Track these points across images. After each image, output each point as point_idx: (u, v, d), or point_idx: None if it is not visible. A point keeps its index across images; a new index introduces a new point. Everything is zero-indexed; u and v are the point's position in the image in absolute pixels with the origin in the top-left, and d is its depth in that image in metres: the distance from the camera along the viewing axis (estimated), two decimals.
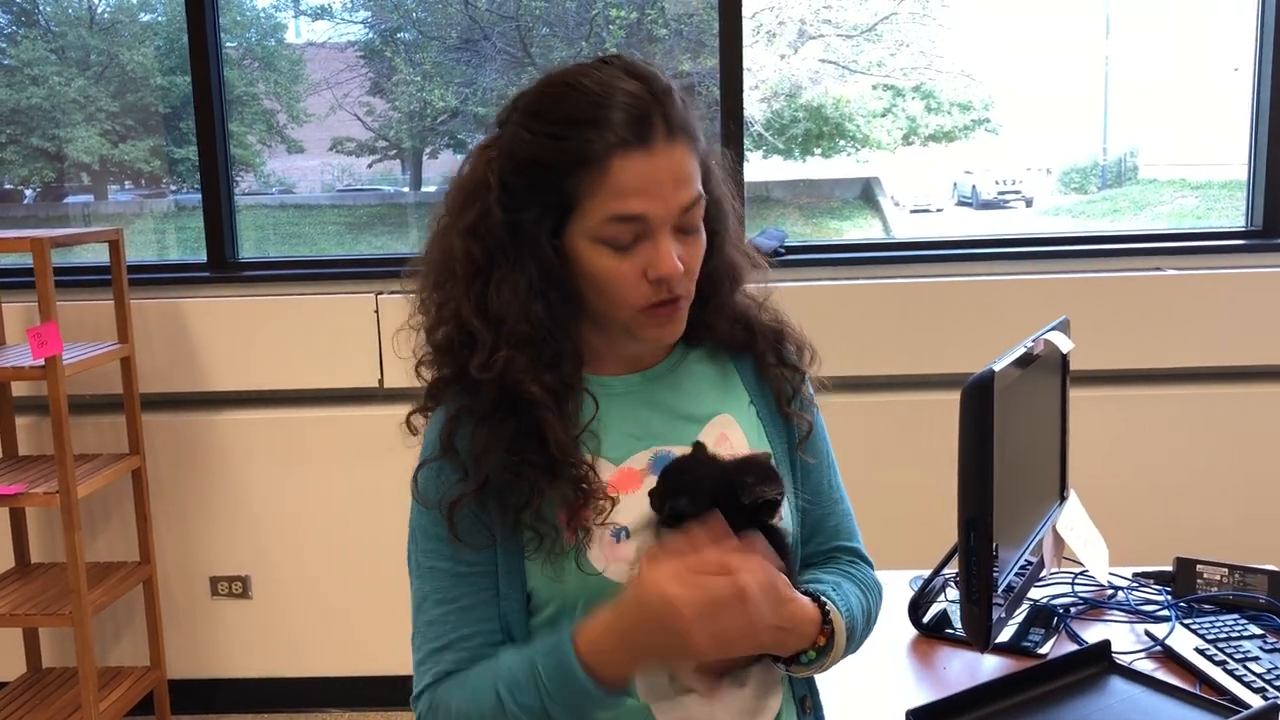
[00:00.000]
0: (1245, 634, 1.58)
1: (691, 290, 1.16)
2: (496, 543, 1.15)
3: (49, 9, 3.74)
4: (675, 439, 1.20)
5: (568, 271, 1.13)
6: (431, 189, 3.96)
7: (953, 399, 1.36)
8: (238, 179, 3.58)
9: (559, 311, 1.13)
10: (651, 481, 1.15)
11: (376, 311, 3.00)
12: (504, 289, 1.12)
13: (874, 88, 3.93)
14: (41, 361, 2.59)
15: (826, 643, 1.16)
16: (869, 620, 1.28)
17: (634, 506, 1.15)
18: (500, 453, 1.11)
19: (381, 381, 3.02)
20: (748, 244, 1.28)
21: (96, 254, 3.14)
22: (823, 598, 1.17)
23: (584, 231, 1.10)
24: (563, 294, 1.13)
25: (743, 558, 1.06)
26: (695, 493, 1.10)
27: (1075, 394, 1.87)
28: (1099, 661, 1.46)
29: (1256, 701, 1.39)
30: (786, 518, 1.21)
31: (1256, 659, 1.50)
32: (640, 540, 1.14)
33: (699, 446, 1.15)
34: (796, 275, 2.97)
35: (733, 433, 1.22)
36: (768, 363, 1.27)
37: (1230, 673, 1.47)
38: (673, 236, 1.11)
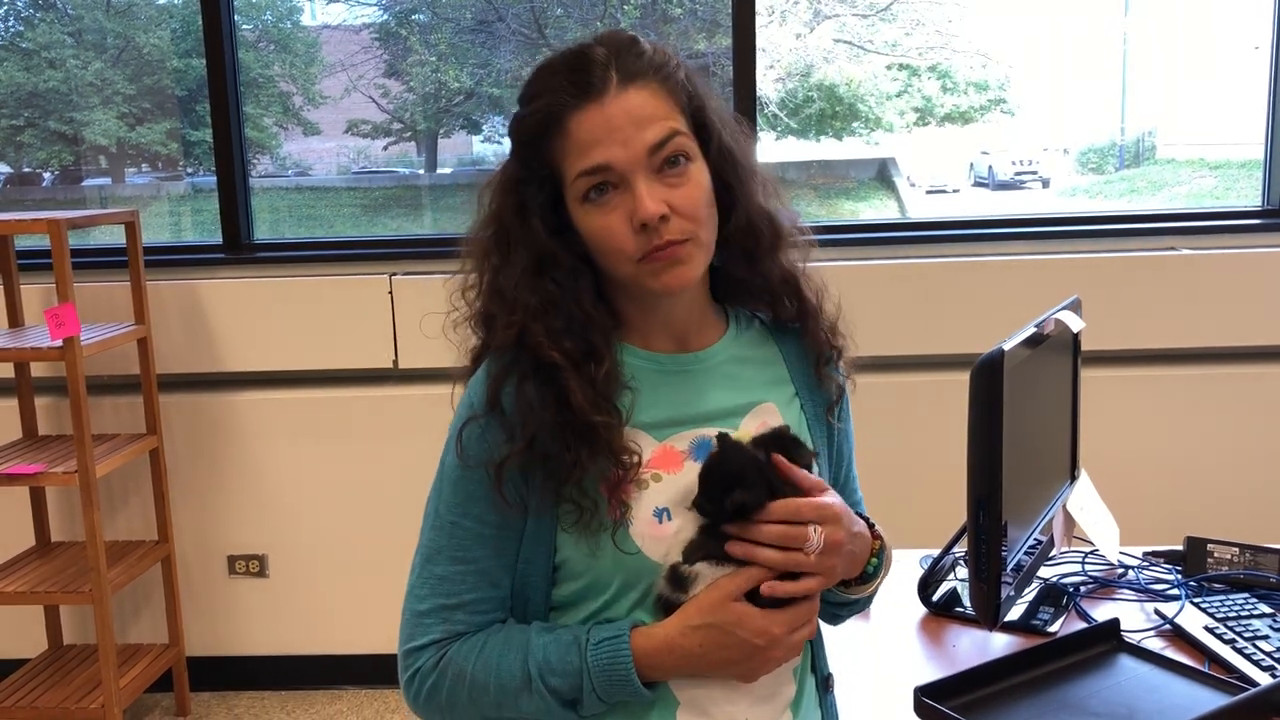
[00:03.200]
0: (1255, 613, 1.58)
1: (697, 232, 1.14)
2: (529, 512, 1.16)
3: None
4: (718, 424, 1.20)
5: (572, 244, 1.16)
6: (447, 171, 3.97)
7: (966, 379, 1.36)
8: (254, 161, 3.59)
9: (567, 285, 1.15)
10: (692, 465, 1.16)
11: (391, 293, 3.02)
12: (513, 271, 1.16)
13: (888, 68, 3.91)
14: (59, 342, 2.61)
15: (881, 547, 1.22)
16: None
17: (674, 486, 1.16)
18: (545, 413, 1.12)
19: (396, 362, 3.03)
20: (785, 210, 1.27)
21: (113, 236, 3.16)
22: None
23: (572, 196, 1.14)
24: (567, 268, 1.16)
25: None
26: (750, 483, 1.10)
27: (1090, 374, 1.87)
28: (1108, 639, 1.46)
29: (1265, 679, 1.39)
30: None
31: (1266, 637, 1.50)
32: (681, 521, 1.15)
33: (724, 438, 1.14)
34: (808, 255, 2.96)
35: (774, 421, 1.23)
36: (810, 328, 1.28)
37: (1239, 651, 1.47)
38: (654, 179, 1.11)
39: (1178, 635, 1.57)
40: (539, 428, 1.12)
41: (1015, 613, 1.65)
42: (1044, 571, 1.80)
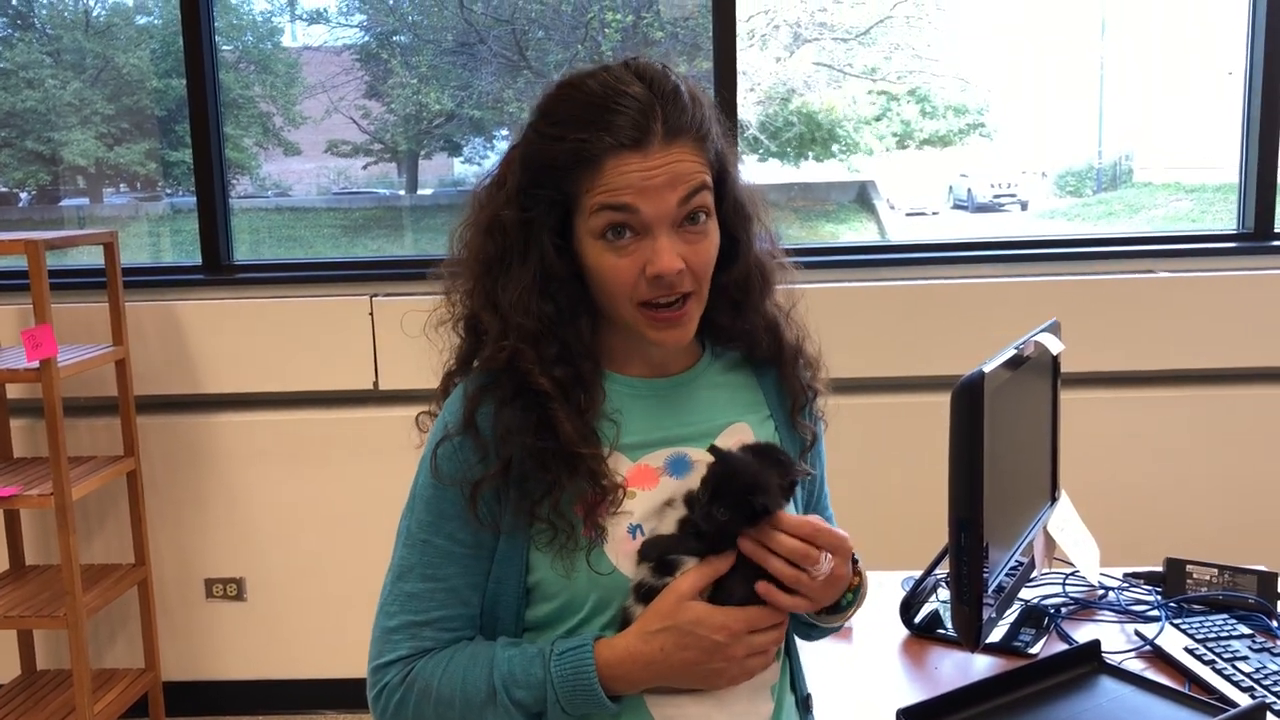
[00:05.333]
0: (1234, 634, 1.59)
1: (702, 289, 1.16)
2: (501, 531, 1.15)
3: (45, 12, 3.75)
4: (693, 443, 1.21)
5: (576, 270, 1.15)
6: (427, 192, 3.96)
7: (946, 401, 1.37)
8: (234, 182, 3.57)
9: (567, 309, 1.15)
10: (668, 480, 1.17)
11: (371, 314, 3.01)
12: (512, 285, 1.15)
13: (868, 92, 3.94)
14: (36, 364, 2.59)
15: (859, 583, 1.22)
16: None
17: (649, 502, 1.16)
18: (525, 438, 1.12)
19: (376, 383, 3.02)
20: (775, 250, 1.28)
21: (92, 256, 3.14)
22: None
23: (586, 230, 1.13)
24: (569, 293, 1.15)
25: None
26: (769, 487, 1.10)
27: (1068, 395, 1.88)
28: (1089, 661, 1.46)
29: (1244, 700, 1.40)
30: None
31: (1245, 658, 1.51)
32: (652, 527, 1.15)
33: (716, 449, 1.14)
34: (790, 278, 2.96)
35: (747, 441, 1.23)
36: (787, 374, 1.29)
37: (1219, 672, 1.48)
38: (675, 233, 1.11)
39: (1158, 656, 1.58)
40: (516, 451, 1.12)
41: (997, 634, 1.66)
42: (1025, 593, 1.80)
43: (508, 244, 1.16)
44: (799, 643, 1.36)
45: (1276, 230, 3.12)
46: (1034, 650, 1.62)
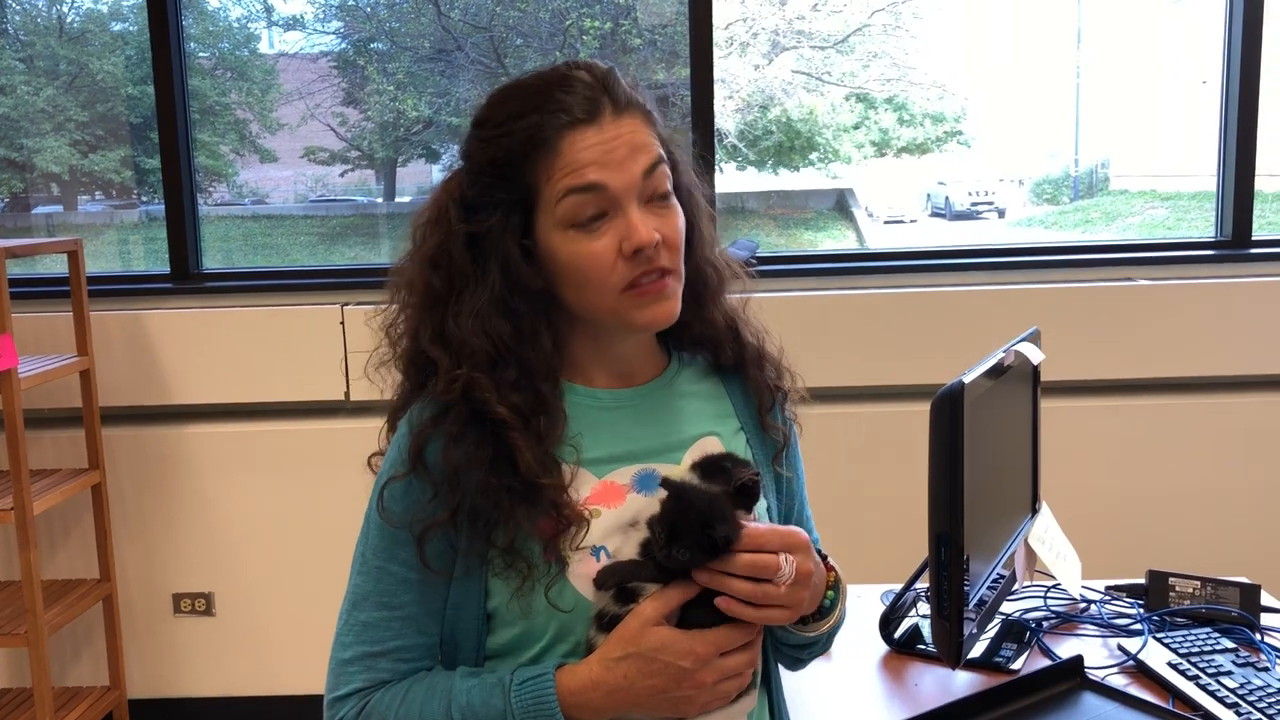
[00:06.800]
0: (1218, 648, 1.56)
1: (679, 265, 1.12)
2: (458, 555, 1.11)
3: (17, 18, 3.70)
4: (661, 459, 1.17)
5: (542, 273, 1.11)
6: (405, 199, 3.94)
7: (926, 410, 1.34)
8: (210, 189, 3.53)
9: (528, 326, 1.11)
10: (635, 497, 1.12)
11: (342, 323, 2.96)
12: (464, 312, 1.10)
13: (846, 98, 3.93)
14: None
15: (836, 579, 1.18)
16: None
17: (615, 521, 1.12)
18: (478, 474, 1.08)
19: (348, 394, 2.97)
20: (723, 251, 1.26)
21: (61, 265, 3.09)
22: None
23: (551, 221, 1.09)
24: (533, 302, 1.11)
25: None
26: (726, 515, 1.04)
27: (1047, 405, 1.86)
28: (1071, 677, 1.44)
29: (1229, 716, 1.37)
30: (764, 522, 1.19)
31: (1229, 673, 1.48)
32: (615, 548, 1.11)
33: (668, 482, 1.08)
34: (769, 286, 2.95)
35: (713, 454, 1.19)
36: (751, 375, 1.25)
37: (1203, 687, 1.45)
38: (644, 209, 1.09)
39: (1141, 671, 1.55)
40: (468, 489, 1.08)
41: (978, 650, 1.63)
42: (1006, 606, 1.78)
43: (454, 270, 1.11)
44: (782, 674, 1.32)
45: (1255, 238, 3.12)
46: (1015, 666, 1.59)
